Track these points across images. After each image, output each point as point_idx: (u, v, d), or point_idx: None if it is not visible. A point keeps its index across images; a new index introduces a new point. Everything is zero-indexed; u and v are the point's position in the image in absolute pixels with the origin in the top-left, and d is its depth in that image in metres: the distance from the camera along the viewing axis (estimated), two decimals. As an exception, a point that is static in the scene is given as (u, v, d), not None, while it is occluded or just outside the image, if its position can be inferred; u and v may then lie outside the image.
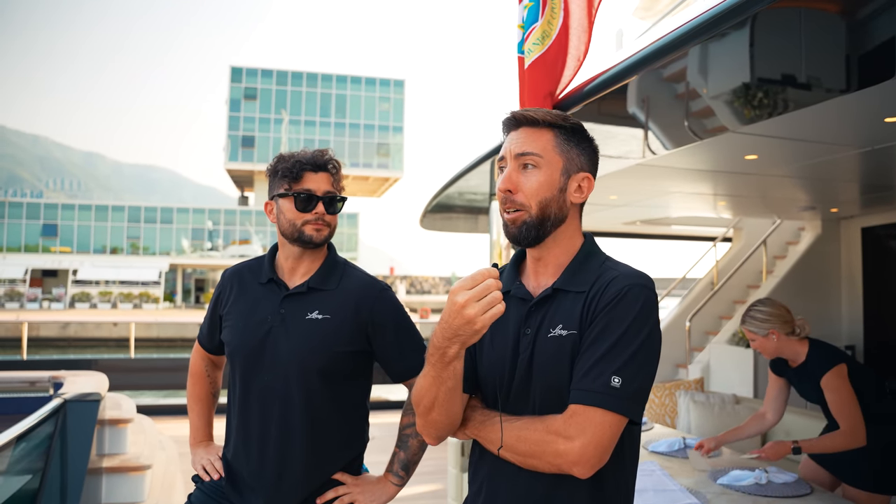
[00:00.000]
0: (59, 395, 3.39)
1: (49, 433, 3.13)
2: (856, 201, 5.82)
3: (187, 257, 42.69)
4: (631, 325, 1.15)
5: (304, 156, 1.73)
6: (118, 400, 4.23)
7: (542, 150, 1.25)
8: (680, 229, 8.90)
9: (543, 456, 1.14)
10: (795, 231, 7.58)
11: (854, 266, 6.81)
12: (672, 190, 5.11)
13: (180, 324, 26.64)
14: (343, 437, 1.74)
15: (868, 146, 3.25)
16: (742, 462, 2.88)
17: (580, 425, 1.11)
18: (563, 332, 1.20)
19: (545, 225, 1.26)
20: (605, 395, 1.11)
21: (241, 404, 1.72)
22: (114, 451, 3.75)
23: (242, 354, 1.71)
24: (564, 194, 1.27)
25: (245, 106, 49.87)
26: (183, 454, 5.18)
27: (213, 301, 1.86)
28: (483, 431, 1.24)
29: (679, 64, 2.45)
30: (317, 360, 1.66)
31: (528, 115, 1.27)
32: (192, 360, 1.99)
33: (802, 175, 4.27)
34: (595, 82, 2.52)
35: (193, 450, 1.92)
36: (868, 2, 1.95)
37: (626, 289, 1.18)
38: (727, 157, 3.69)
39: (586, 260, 1.29)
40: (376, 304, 1.74)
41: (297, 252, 1.75)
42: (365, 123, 51.90)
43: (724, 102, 2.66)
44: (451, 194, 6.17)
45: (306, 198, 1.70)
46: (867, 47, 2.09)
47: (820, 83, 2.34)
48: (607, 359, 1.13)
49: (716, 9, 1.95)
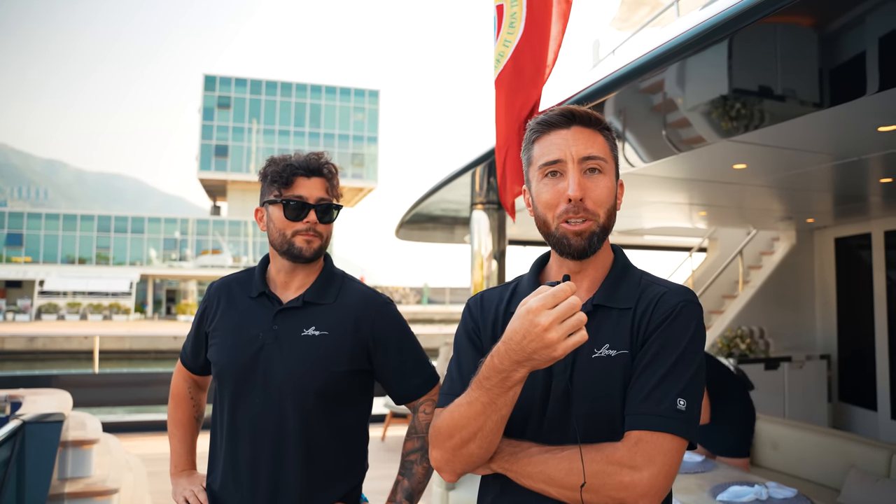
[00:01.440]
0: (17, 417, 3.18)
1: (4, 459, 2.92)
2: (829, 212, 5.91)
3: (159, 268, 41.93)
4: (689, 345, 1.08)
5: (297, 159, 1.58)
6: (82, 419, 4.02)
7: (604, 154, 1.17)
8: (656, 239, 8.96)
9: (603, 489, 1.02)
10: (769, 241, 7.67)
11: (827, 276, 6.90)
12: (653, 200, 5.11)
13: (153, 336, 26.06)
14: (341, 464, 1.59)
15: (854, 156, 3.26)
16: (741, 477, 2.85)
17: (648, 453, 1.01)
18: (611, 352, 1.10)
19: (607, 234, 1.18)
20: (672, 420, 1.03)
21: (230, 429, 1.56)
22: (77, 474, 3.53)
23: (231, 374, 1.56)
24: (616, 201, 1.20)
25: (218, 115, 49.38)
26: (152, 473, 4.97)
27: (197, 317, 1.71)
28: (516, 465, 1.10)
29: (677, 74, 2.42)
30: (314, 381, 1.51)
31: (589, 113, 1.17)
32: (173, 380, 1.81)
33: (783, 185, 4.30)
34: (586, 92, 2.50)
35: (175, 479, 1.73)
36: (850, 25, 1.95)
37: (681, 305, 1.11)
38: (715, 167, 3.69)
39: (623, 274, 1.20)
40: (378, 319, 1.59)
41: (289, 265, 1.60)
42: (339, 133, 51.73)
43: (719, 112, 2.64)
44: (430, 205, 6.10)
45: (297, 205, 1.55)
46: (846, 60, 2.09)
47: (811, 94, 2.33)
48: (669, 380, 1.05)
49: (707, 22, 1.93)
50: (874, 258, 6.16)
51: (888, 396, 5.95)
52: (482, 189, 4.20)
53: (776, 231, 7.31)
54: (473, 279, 4.15)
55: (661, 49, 2.19)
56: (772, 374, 6.27)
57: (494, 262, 4.06)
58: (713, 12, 1.97)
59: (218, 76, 50.28)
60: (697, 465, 3.04)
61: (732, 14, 1.90)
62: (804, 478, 3.87)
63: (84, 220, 44.45)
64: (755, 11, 1.85)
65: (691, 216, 6.26)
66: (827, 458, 3.79)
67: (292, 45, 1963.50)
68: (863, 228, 6.34)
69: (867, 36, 1.93)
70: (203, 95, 49.43)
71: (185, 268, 42.10)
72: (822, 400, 6.54)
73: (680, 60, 2.18)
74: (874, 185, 4.45)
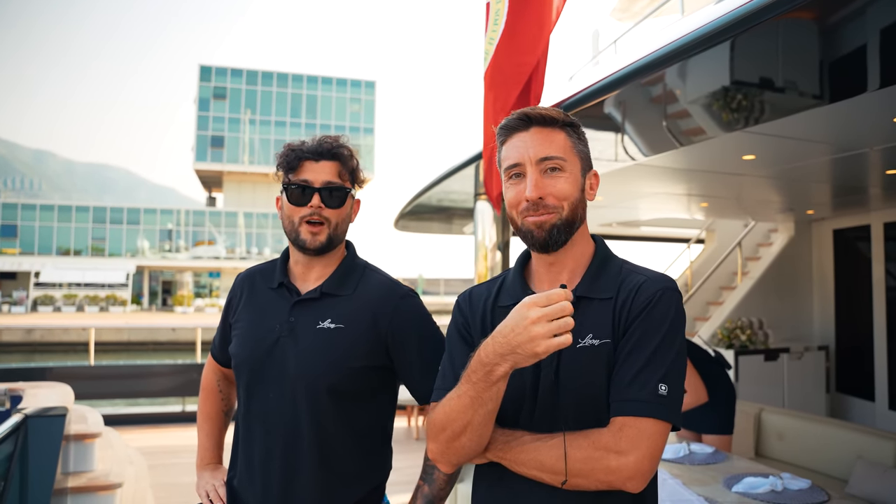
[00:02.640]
0: (19, 411, 3.15)
1: (8, 454, 2.89)
2: (829, 203, 5.91)
3: (154, 259, 41.69)
4: (668, 331, 1.12)
5: (308, 144, 1.53)
6: (83, 412, 3.99)
7: (563, 152, 1.21)
8: (654, 231, 8.96)
9: (592, 474, 1.07)
10: (766, 233, 7.68)
11: (826, 268, 6.92)
12: (655, 191, 5.10)
13: (152, 328, 26.23)
14: (358, 465, 1.51)
15: (865, 147, 3.25)
16: (753, 468, 2.86)
17: (632, 438, 1.06)
18: (594, 341, 1.15)
19: (573, 227, 1.21)
20: (654, 405, 1.07)
21: (245, 424, 1.52)
22: (80, 468, 3.52)
23: (247, 367, 1.51)
24: (583, 194, 1.24)
25: (214, 105, 48.98)
26: (153, 467, 4.96)
27: (224, 308, 1.67)
28: (510, 453, 1.15)
29: (691, 65, 2.40)
30: (326, 377, 1.45)
31: (544, 113, 1.21)
32: (204, 373, 1.78)
33: (787, 176, 4.29)
34: (594, 88, 2.48)
35: (199, 472, 1.69)
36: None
37: (659, 293, 1.15)
38: (726, 158, 3.68)
39: (604, 264, 1.24)
40: (396, 312, 1.52)
41: (304, 255, 1.54)
42: (336, 124, 51.32)
43: (734, 101, 2.62)
44: (430, 196, 6.06)
45: (299, 189, 1.49)
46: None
47: (827, 86, 2.31)
48: (651, 367, 1.09)
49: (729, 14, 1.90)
50: (873, 250, 6.17)
51: (886, 387, 5.99)
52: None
53: (774, 223, 7.31)
54: (477, 270, 4.12)
55: (681, 42, 2.15)
56: (771, 365, 6.29)
57: (498, 252, 4.04)
58: (735, 5, 1.92)
59: (214, 66, 49.88)
60: (709, 457, 3.05)
61: (761, 5, 1.85)
62: (810, 468, 3.89)
63: (79, 211, 44.12)
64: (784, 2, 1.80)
65: (690, 208, 6.26)
66: (833, 449, 3.80)
67: (288, 36, 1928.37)
68: (862, 220, 6.35)
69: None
70: (199, 86, 49.01)
71: (180, 259, 41.97)
72: (820, 390, 6.57)
73: (700, 53, 2.14)
74: (876, 177, 4.45)
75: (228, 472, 1.61)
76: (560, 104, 2.86)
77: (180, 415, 7.40)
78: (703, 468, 2.93)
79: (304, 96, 51.26)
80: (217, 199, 54.93)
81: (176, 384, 7.62)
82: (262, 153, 48.66)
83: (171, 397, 7.92)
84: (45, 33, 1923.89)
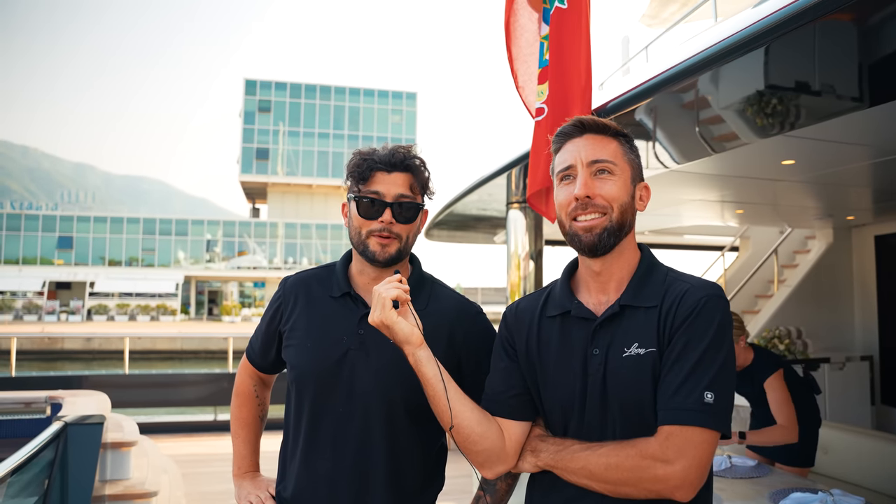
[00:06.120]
0: (60, 418, 3.22)
1: (49, 460, 2.96)
2: (870, 209, 5.74)
3: (201, 269, 42.74)
4: (714, 338, 1.12)
5: (379, 153, 1.49)
6: (119, 421, 4.07)
7: (614, 157, 1.23)
8: (688, 239, 8.81)
9: (640, 483, 1.08)
10: (802, 240, 7.49)
11: (868, 275, 6.70)
12: (688, 198, 5.01)
13: (204, 337, 26.92)
14: (423, 479, 1.50)
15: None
16: (800, 483, 2.74)
17: (679, 447, 1.07)
18: (640, 350, 1.15)
19: (621, 232, 1.22)
20: (700, 413, 1.07)
21: (308, 437, 1.47)
22: (116, 476, 3.58)
23: (313, 379, 1.47)
24: (633, 201, 1.26)
25: (259, 118, 50.04)
26: (186, 475, 5.02)
27: (269, 313, 1.61)
28: (560, 462, 1.18)
29: (725, 71, 2.35)
30: (403, 392, 1.42)
31: (597, 122, 1.25)
32: (238, 378, 1.73)
33: (827, 181, 4.17)
34: (626, 96, 2.45)
35: (238, 481, 1.65)
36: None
37: (704, 300, 1.14)
38: (761, 164, 3.59)
39: (649, 273, 1.25)
40: (472, 328, 1.52)
41: (371, 267, 1.50)
42: (377, 136, 51.70)
43: (769, 106, 2.56)
44: (462, 206, 6.05)
45: (370, 202, 1.45)
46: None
47: (867, 89, 2.24)
48: (696, 375, 1.09)
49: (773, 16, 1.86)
50: (917, 256, 5.96)
51: (933, 399, 5.76)
52: (518, 188, 4.15)
53: (812, 229, 7.12)
54: (510, 280, 4.09)
55: (717, 47, 2.11)
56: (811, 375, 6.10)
57: (531, 262, 4.00)
58: (774, 7, 1.88)
59: (258, 80, 50.90)
60: (751, 470, 2.90)
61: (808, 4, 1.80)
62: (860, 484, 3.67)
63: (130, 223, 45.68)
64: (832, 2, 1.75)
65: (724, 215, 6.13)
66: (886, 465, 3.57)
67: (331, 48, 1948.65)
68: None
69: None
70: (244, 99, 50.19)
71: (226, 269, 42.89)
72: (864, 402, 6.35)
73: (736, 59, 2.10)
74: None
75: (277, 483, 1.57)
76: (592, 113, 2.82)
77: (212, 423, 7.49)
78: (746, 482, 2.77)
79: (346, 108, 51.89)
80: (260, 209, 55.87)
81: (208, 393, 7.71)
82: (305, 164, 49.54)
83: (203, 406, 8.03)
84: (85, 50, 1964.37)
